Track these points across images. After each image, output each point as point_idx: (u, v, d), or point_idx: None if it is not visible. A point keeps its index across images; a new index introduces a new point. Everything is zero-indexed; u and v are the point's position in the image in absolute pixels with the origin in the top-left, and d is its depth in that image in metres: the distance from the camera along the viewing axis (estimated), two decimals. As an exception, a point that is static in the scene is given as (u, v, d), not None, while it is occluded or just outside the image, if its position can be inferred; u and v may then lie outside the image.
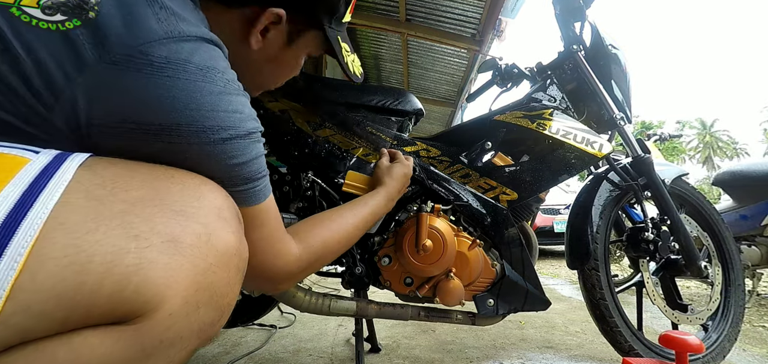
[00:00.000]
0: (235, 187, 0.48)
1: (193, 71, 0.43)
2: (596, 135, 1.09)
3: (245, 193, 0.50)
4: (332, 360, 1.31)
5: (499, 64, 1.37)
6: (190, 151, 0.44)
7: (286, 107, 1.00)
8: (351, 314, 0.97)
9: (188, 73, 0.42)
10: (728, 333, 1.23)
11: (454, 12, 3.63)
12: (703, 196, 1.36)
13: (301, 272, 0.61)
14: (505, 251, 1.02)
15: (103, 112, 0.40)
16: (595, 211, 1.20)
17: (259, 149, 0.51)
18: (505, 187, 1.04)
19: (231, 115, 0.46)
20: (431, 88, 5.43)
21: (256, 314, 1.38)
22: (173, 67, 0.41)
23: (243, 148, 0.48)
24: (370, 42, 4.66)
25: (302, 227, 0.64)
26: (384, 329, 1.65)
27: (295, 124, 0.99)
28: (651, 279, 1.20)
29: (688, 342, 0.88)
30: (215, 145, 0.45)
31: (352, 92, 1.04)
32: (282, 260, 0.57)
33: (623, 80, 1.24)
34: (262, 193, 0.53)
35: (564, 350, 1.41)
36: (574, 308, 2.16)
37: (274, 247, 0.55)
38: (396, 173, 0.89)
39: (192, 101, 0.42)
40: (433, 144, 1.07)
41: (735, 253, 1.33)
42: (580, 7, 1.19)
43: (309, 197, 1.00)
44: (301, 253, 0.60)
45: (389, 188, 0.86)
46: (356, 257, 0.99)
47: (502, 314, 1.01)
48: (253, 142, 0.50)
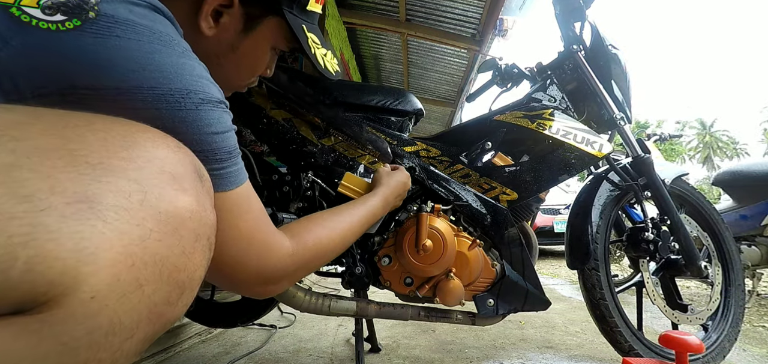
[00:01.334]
0: (215, 164, 0.44)
1: (144, 33, 0.39)
2: (596, 135, 1.09)
3: (225, 171, 0.46)
4: (332, 360, 1.31)
5: (499, 64, 1.37)
6: (161, 119, 0.39)
7: (290, 115, 1.00)
8: (351, 314, 0.97)
9: (140, 35, 0.39)
10: (728, 333, 1.23)
11: (454, 12, 3.63)
12: (703, 196, 1.36)
13: (296, 271, 0.58)
14: (505, 251, 1.02)
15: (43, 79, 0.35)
16: (595, 211, 1.20)
17: (230, 122, 0.47)
18: (505, 187, 1.04)
19: (197, 80, 0.42)
20: (431, 88, 5.43)
21: (256, 314, 1.38)
22: (122, 26, 0.38)
23: (217, 116, 0.44)
24: (370, 42, 4.66)
25: (297, 225, 0.61)
26: (384, 329, 1.65)
27: (299, 133, 0.99)
28: (651, 279, 1.19)
29: (688, 342, 0.88)
30: (188, 111, 0.40)
31: (352, 92, 1.04)
32: (275, 255, 0.53)
33: (623, 80, 1.24)
34: (242, 173, 0.49)
35: (564, 350, 1.41)
36: (574, 308, 2.16)
37: (265, 240, 0.52)
38: (395, 179, 0.88)
39: (150, 62, 0.38)
40: (433, 144, 1.07)
41: (735, 253, 1.33)
42: (580, 7, 1.19)
43: (309, 197, 1.01)
44: (296, 248, 0.56)
45: (386, 191, 0.84)
46: (356, 257, 0.99)
47: (502, 314, 1.01)
48: (224, 111, 0.46)
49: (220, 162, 0.45)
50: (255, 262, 0.51)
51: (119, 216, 0.30)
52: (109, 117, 0.35)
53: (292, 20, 0.61)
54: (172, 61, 0.40)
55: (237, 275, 0.51)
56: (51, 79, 0.35)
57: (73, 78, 0.36)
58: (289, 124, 0.99)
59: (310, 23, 0.66)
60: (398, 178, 0.89)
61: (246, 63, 0.63)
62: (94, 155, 0.31)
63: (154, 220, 0.32)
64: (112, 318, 0.29)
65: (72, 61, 0.36)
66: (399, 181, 0.88)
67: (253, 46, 0.61)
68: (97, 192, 0.29)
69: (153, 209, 0.32)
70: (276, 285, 0.56)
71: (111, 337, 0.30)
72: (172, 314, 0.35)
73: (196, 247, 0.36)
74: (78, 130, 0.31)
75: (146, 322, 0.32)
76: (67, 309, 0.27)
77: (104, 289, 0.29)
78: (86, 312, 0.28)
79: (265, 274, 0.53)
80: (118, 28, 0.38)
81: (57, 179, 0.28)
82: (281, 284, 0.57)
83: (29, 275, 0.26)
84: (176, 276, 0.34)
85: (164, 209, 0.33)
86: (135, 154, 0.33)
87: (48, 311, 0.27)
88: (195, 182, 0.37)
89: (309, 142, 0.99)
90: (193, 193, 0.36)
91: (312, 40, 0.65)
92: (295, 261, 0.56)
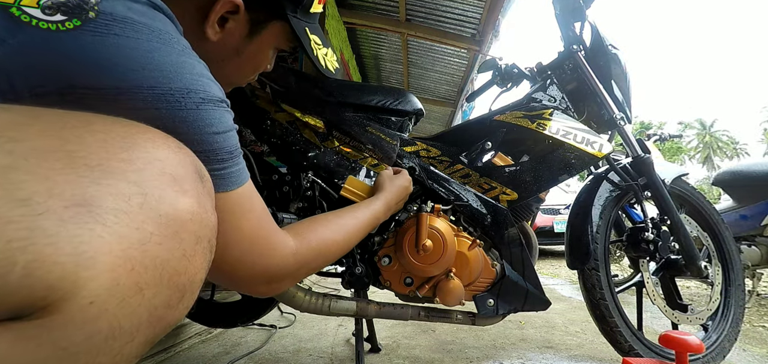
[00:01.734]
0: (216, 164, 0.44)
1: (143, 31, 0.39)
2: (596, 135, 1.09)
3: (227, 171, 0.46)
4: (332, 360, 1.31)
5: (499, 65, 1.37)
6: (161, 119, 0.39)
7: (293, 118, 1.00)
8: (351, 314, 0.97)
9: (138, 33, 0.38)
10: (728, 333, 1.23)
11: (454, 12, 3.63)
12: (703, 196, 1.36)
13: (299, 270, 0.58)
14: (505, 251, 1.02)
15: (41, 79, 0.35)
16: (595, 211, 1.20)
17: (232, 121, 0.47)
18: (505, 187, 1.04)
19: (197, 79, 0.42)
20: (431, 88, 5.43)
21: (256, 314, 1.38)
22: (120, 24, 0.37)
23: (219, 116, 0.44)
24: (370, 42, 4.66)
25: (300, 225, 0.62)
26: (384, 329, 1.65)
27: (303, 135, 1.00)
28: (651, 279, 1.19)
29: (688, 342, 0.88)
30: (189, 111, 0.40)
31: (352, 93, 1.04)
32: (278, 253, 0.53)
33: (623, 80, 1.24)
34: (244, 173, 0.49)
35: (564, 350, 1.41)
36: (574, 308, 2.16)
37: (268, 239, 0.51)
38: (396, 184, 0.89)
39: (150, 61, 0.38)
40: (433, 144, 1.07)
41: (735, 253, 1.33)
42: (580, 7, 1.19)
43: (309, 198, 1.01)
44: (299, 247, 0.56)
45: (388, 196, 0.85)
46: (356, 257, 0.99)
47: (502, 314, 1.01)
48: (226, 111, 0.46)
49: (222, 162, 0.45)
50: (258, 261, 0.51)
51: (119, 219, 0.29)
52: (109, 117, 0.34)
53: (296, 24, 0.61)
54: (171, 60, 0.40)
55: (240, 275, 0.51)
56: (50, 79, 0.35)
57: (72, 78, 0.36)
58: (292, 126, 1.00)
59: (312, 24, 0.66)
60: (400, 182, 0.90)
61: (249, 65, 0.63)
62: (93, 157, 0.30)
63: (155, 223, 0.32)
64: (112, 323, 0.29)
65: (72, 61, 0.36)
66: (401, 185, 0.89)
67: (257, 49, 0.61)
68: (96, 195, 0.29)
69: (153, 212, 0.32)
70: (279, 284, 0.56)
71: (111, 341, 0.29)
72: (172, 318, 0.35)
73: (196, 249, 0.36)
74: (77, 132, 0.31)
75: (147, 326, 0.32)
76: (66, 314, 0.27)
77: (103, 293, 0.28)
78: (85, 317, 0.28)
79: (268, 273, 0.53)
80: (116, 26, 0.37)
81: (55, 182, 0.28)
82: (284, 283, 0.57)
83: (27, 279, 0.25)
84: (177, 279, 0.34)
85: (165, 211, 0.32)
86: (135, 156, 0.32)
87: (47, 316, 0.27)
88: (196, 184, 0.37)
89: (312, 144, 0.99)
90: (194, 194, 0.36)
91: (314, 42, 0.65)
92: (298, 260, 0.56)
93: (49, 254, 0.26)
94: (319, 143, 1.00)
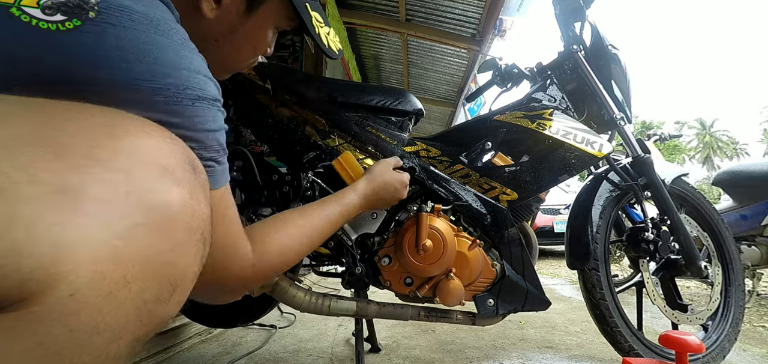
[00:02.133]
0: (206, 161, 0.43)
1: (141, 21, 0.37)
2: (596, 135, 1.09)
3: (213, 169, 0.45)
4: (332, 360, 1.31)
5: (499, 65, 1.37)
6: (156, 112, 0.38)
7: (293, 114, 1.00)
8: (351, 314, 0.97)
9: (136, 23, 0.37)
10: (728, 333, 1.23)
11: (454, 12, 3.63)
12: (703, 196, 1.36)
13: (256, 281, 0.54)
14: (505, 251, 1.02)
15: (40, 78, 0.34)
16: (595, 211, 1.20)
17: (223, 122, 0.46)
18: (505, 187, 1.04)
19: (195, 76, 0.41)
20: (431, 88, 5.44)
21: (256, 314, 1.38)
22: (117, 15, 0.36)
23: (213, 115, 0.43)
24: (370, 42, 4.66)
25: (259, 232, 0.56)
26: (384, 329, 1.65)
27: (304, 133, 0.99)
28: (651, 279, 1.19)
29: (688, 342, 0.88)
30: (185, 106, 0.39)
31: (352, 92, 1.04)
32: (238, 265, 0.49)
33: (623, 80, 1.24)
34: (226, 174, 0.48)
35: (564, 350, 1.41)
36: (574, 308, 2.16)
37: (234, 247, 0.49)
38: (381, 179, 0.83)
39: (147, 55, 0.37)
40: (433, 144, 1.07)
41: (735, 253, 1.33)
42: (580, 7, 1.19)
43: (309, 197, 1.00)
44: (256, 260, 0.53)
45: (366, 189, 0.80)
46: (356, 257, 0.99)
47: (502, 314, 1.01)
48: (219, 110, 0.45)
49: (210, 160, 0.45)
50: (219, 270, 0.48)
51: (103, 208, 0.28)
52: (97, 107, 0.33)
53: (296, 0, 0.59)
54: (169, 54, 0.39)
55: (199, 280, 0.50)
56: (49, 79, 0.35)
57: (72, 77, 0.36)
58: (293, 123, 1.00)
59: (315, 3, 0.64)
60: (389, 178, 0.85)
61: (247, 45, 0.60)
62: (79, 145, 0.29)
63: (143, 213, 0.30)
64: (96, 317, 0.28)
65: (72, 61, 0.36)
66: (388, 181, 0.84)
67: (255, 27, 0.59)
68: (80, 183, 0.27)
69: (141, 202, 0.30)
70: (233, 295, 0.54)
71: (95, 337, 0.28)
72: (163, 313, 0.33)
73: (189, 242, 0.34)
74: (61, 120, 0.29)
75: (135, 322, 0.30)
76: (45, 307, 0.25)
77: (84, 286, 0.26)
78: (65, 310, 0.26)
79: (223, 283, 0.50)
80: (112, 15, 0.36)
81: (37, 169, 0.26)
82: (239, 293, 0.55)
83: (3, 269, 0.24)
84: (167, 272, 0.32)
85: (154, 201, 0.31)
86: (123, 144, 0.31)
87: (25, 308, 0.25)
88: (188, 174, 0.36)
89: (313, 143, 0.99)
90: (186, 185, 0.35)
91: (315, 19, 0.63)
92: (256, 272, 0.54)
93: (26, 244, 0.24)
94: (321, 141, 1.00)
